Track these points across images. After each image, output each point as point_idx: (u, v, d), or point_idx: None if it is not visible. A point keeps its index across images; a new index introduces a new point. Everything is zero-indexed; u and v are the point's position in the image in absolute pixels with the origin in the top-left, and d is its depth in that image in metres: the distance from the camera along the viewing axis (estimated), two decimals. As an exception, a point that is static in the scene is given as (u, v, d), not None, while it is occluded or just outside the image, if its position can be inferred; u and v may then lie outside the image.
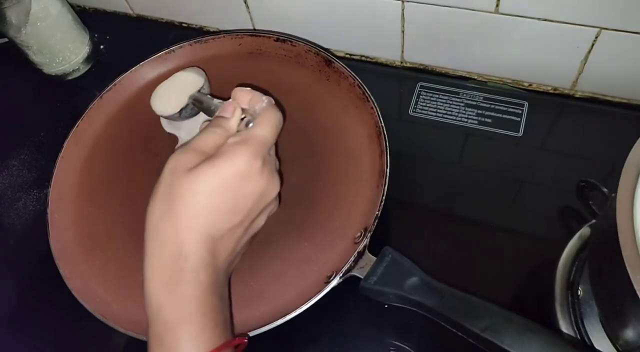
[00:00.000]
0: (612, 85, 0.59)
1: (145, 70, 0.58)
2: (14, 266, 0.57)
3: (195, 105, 0.50)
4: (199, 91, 0.50)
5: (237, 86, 0.44)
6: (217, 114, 0.43)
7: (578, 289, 0.46)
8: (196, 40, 0.58)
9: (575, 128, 0.56)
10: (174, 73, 0.52)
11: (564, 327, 0.45)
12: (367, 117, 0.51)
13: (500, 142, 0.55)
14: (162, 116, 0.52)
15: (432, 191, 0.54)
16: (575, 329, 0.44)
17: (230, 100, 0.44)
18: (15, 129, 0.70)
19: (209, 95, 0.49)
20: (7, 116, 0.71)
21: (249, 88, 0.43)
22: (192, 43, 0.58)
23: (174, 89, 0.52)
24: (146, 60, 0.57)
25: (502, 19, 0.55)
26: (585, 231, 0.49)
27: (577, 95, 0.61)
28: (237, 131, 0.42)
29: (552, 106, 0.58)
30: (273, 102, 0.43)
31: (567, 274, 0.47)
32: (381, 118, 0.49)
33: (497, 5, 0.54)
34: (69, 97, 0.72)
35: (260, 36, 0.57)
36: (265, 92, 0.44)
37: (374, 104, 0.50)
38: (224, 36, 0.58)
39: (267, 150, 0.41)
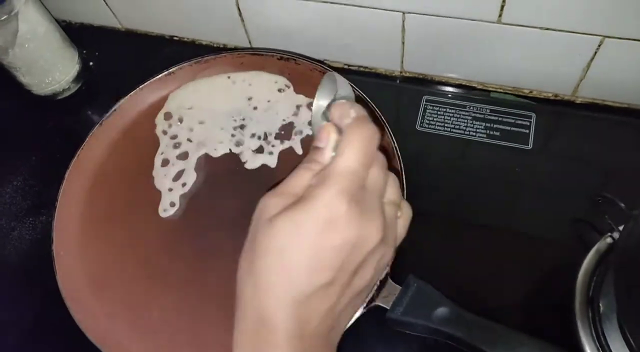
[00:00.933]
0: (613, 90, 0.59)
1: (145, 94, 0.56)
2: (17, 300, 0.55)
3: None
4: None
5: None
6: (313, 143, 0.35)
7: (599, 305, 0.46)
8: (196, 60, 0.56)
9: (585, 138, 0.56)
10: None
11: (586, 343, 0.45)
12: (379, 137, 0.50)
13: (510, 156, 0.55)
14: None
15: (449, 210, 0.53)
16: (597, 344, 0.45)
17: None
18: (5, 153, 0.67)
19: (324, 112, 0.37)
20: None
21: (343, 100, 0.34)
22: (192, 63, 0.56)
23: None
24: (145, 83, 0.55)
25: (504, 29, 0.55)
26: (601, 245, 0.49)
27: (577, 102, 0.61)
28: None
29: (560, 117, 0.58)
30: (364, 113, 0.34)
31: (586, 289, 0.47)
32: (394, 139, 0.49)
33: (500, 16, 0.54)
34: (60, 117, 0.70)
35: (262, 55, 0.56)
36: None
37: (385, 124, 0.49)
38: (224, 55, 0.56)
39: (358, 184, 0.32)
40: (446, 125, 0.58)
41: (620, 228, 0.47)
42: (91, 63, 0.73)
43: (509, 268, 0.50)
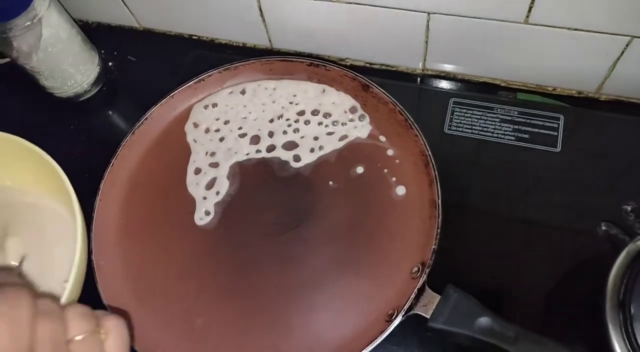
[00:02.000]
0: (638, 88, 0.59)
1: (175, 102, 0.56)
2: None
3: None
4: None
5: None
6: None
7: (630, 307, 0.47)
8: (225, 67, 0.56)
9: (613, 139, 0.56)
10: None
11: (617, 345, 0.46)
12: (411, 144, 0.50)
13: (539, 158, 0.55)
14: None
15: (482, 216, 0.53)
16: (629, 347, 0.46)
17: None
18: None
19: None
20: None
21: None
22: (222, 70, 0.56)
23: None
24: (176, 91, 0.55)
25: (531, 29, 0.55)
26: (632, 247, 0.49)
27: (602, 99, 0.62)
28: None
29: (587, 118, 0.58)
30: None
31: (616, 292, 0.48)
32: (427, 146, 0.49)
33: (527, 16, 0.53)
34: (83, 119, 0.69)
35: (292, 61, 0.56)
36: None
37: (418, 131, 0.50)
38: (253, 62, 0.56)
39: None
40: (474, 127, 0.58)
41: (651, 231, 0.48)
42: (110, 63, 0.72)
43: (539, 270, 0.50)
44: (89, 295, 0.48)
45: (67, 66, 0.65)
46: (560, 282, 0.50)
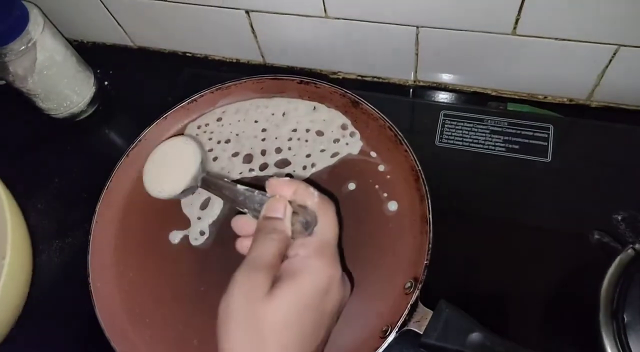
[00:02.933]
0: (628, 94, 0.60)
1: (169, 123, 0.56)
2: (50, 325, 0.57)
3: (210, 190, 0.47)
4: (202, 168, 0.48)
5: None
6: (264, 213, 0.39)
7: (623, 315, 0.47)
8: (217, 87, 0.57)
9: (603, 148, 0.57)
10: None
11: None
12: (402, 160, 0.51)
13: (530, 169, 0.56)
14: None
15: (474, 228, 0.54)
16: (622, 355, 0.46)
17: (268, 194, 0.41)
18: (27, 177, 0.68)
19: (225, 180, 0.46)
20: (16, 163, 0.69)
21: (287, 178, 0.41)
22: (214, 90, 0.57)
23: (169, 164, 0.50)
24: (169, 112, 0.56)
25: (519, 41, 0.55)
26: (624, 256, 0.50)
27: (592, 105, 0.62)
28: (293, 231, 0.39)
29: (577, 127, 0.59)
30: (317, 191, 0.40)
31: (610, 300, 0.48)
32: (417, 161, 0.49)
33: (515, 28, 0.54)
34: (79, 139, 0.71)
35: (282, 79, 0.56)
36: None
37: (407, 147, 0.50)
38: (245, 81, 0.57)
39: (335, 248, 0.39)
40: (465, 139, 0.58)
41: (642, 239, 0.48)
42: (106, 82, 0.73)
43: (531, 279, 0.51)
44: (87, 315, 0.49)
45: (63, 88, 0.66)
46: (554, 291, 0.51)
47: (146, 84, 0.73)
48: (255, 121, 0.57)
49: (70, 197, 0.66)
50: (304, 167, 0.54)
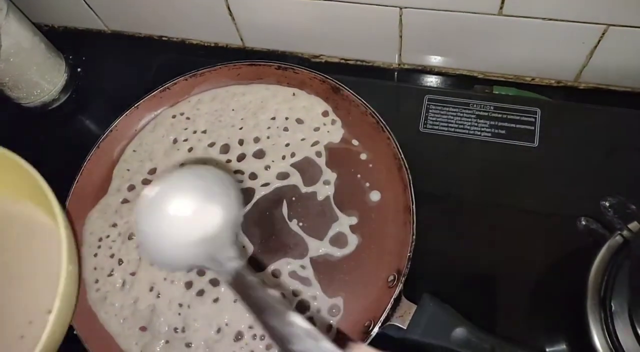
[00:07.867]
0: (617, 75, 0.58)
1: (141, 112, 0.54)
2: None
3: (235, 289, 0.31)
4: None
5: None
6: None
7: (611, 303, 0.46)
8: (191, 73, 0.54)
9: (590, 132, 0.55)
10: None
11: (598, 341, 0.45)
12: (384, 147, 0.49)
13: (517, 154, 0.54)
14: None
15: (458, 216, 0.52)
16: (609, 343, 0.45)
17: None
18: None
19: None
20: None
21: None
22: (188, 77, 0.54)
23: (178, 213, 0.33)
24: (141, 101, 0.53)
25: (506, 21, 0.54)
26: (612, 242, 0.49)
27: (581, 87, 0.61)
28: None
29: (565, 111, 0.57)
30: None
31: (597, 288, 0.47)
32: (400, 149, 0.48)
33: (501, 8, 0.52)
34: (52, 128, 0.68)
35: (260, 65, 0.54)
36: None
37: (390, 134, 0.48)
38: (220, 67, 0.54)
39: None
40: (450, 125, 0.57)
41: (630, 226, 0.47)
42: (79, 69, 0.70)
43: (518, 267, 0.50)
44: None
45: (32, 75, 0.63)
46: (541, 279, 0.50)
47: (121, 70, 0.70)
48: (233, 109, 0.54)
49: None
50: (283, 157, 0.52)
